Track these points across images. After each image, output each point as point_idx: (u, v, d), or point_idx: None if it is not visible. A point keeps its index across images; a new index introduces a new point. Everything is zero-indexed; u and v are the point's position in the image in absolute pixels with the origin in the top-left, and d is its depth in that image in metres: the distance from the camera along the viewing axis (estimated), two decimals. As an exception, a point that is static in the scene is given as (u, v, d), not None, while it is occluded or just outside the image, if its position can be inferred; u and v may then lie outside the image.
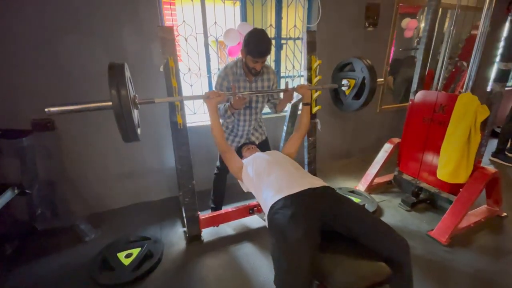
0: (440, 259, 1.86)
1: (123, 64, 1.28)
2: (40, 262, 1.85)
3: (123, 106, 1.21)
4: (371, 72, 1.79)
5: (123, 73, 1.24)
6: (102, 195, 2.40)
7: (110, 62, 1.28)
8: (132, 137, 1.30)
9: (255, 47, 1.62)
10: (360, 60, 1.84)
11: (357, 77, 1.89)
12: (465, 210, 2.01)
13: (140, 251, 1.86)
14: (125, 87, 1.21)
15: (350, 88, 1.99)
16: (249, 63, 1.71)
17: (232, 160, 1.64)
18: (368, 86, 1.81)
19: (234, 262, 1.84)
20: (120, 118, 1.21)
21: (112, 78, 1.20)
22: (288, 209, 1.21)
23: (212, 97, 1.54)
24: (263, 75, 1.89)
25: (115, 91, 1.19)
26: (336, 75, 2.07)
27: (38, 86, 1.99)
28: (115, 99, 1.19)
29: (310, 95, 1.83)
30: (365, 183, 2.70)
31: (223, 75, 1.81)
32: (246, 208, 2.11)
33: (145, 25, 2.12)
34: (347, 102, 2.05)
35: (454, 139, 2.04)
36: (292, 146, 1.79)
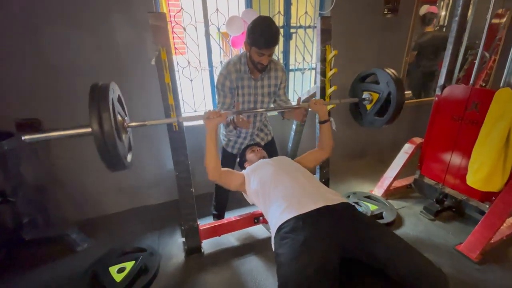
0: (470, 279, 1.63)
1: (107, 85, 1.09)
2: (26, 276, 1.70)
3: (105, 135, 1.02)
4: (398, 86, 1.54)
5: (106, 96, 1.05)
6: (97, 199, 2.23)
7: (92, 84, 1.09)
8: (117, 166, 1.12)
9: (261, 36, 1.38)
10: (385, 72, 1.59)
11: (381, 91, 1.65)
12: (500, 223, 1.76)
13: (134, 265, 1.68)
14: (109, 113, 1.02)
15: (372, 103, 1.74)
16: (254, 56, 1.47)
17: (230, 181, 1.44)
18: (394, 102, 1.56)
19: (237, 279, 1.65)
20: (102, 149, 1.03)
21: (93, 103, 1.02)
22: (300, 234, 1.00)
23: (212, 117, 1.32)
24: (270, 72, 1.65)
25: (95, 119, 1.01)
26: (356, 86, 1.82)
27: (21, 83, 1.81)
28: (96, 128, 1.01)
29: (326, 111, 1.58)
30: (382, 188, 2.46)
31: (225, 73, 1.57)
32: (250, 217, 1.91)
33: (139, 14, 1.90)
34: (368, 118, 1.82)
35: (489, 141, 1.77)
36: (312, 161, 1.58)
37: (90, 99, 1.03)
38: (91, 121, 1.01)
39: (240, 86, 1.61)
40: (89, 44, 1.87)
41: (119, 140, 1.11)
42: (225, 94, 1.61)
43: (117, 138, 1.08)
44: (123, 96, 1.37)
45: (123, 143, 1.19)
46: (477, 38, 3.70)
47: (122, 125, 1.22)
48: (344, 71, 2.09)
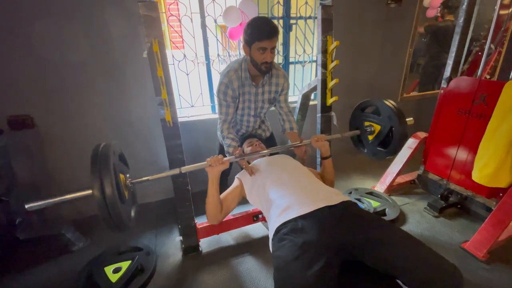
0: (477, 279, 1.58)
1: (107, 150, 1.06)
2: (20, 276, 1.66)
3: (107, 200, 0.98)
4: (400, 119, 1.48)
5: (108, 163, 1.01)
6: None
7: (93, 149, 1.05)
8: (121, 228, 1.08)
9: (260, 29, 1.31)
10: (387, 106, 1.52)
11: (383, 125, 1.58)
12: (508, 221, 1.69)
13: (130, 265, 1.64)
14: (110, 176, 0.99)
15: (374, 134, 1.67)
16: (256, 56, 1.37)
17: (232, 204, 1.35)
18: (397, 136, 1.52)
19: (235, 279, 1.60)
20: (105, 214, 1.00)
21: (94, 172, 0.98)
22: (299, 236, 0.94)
23: (215, 165, 1.24)
24: (271, 78, 1.57)
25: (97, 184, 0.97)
26: (358, 114, 1.74)
27: (12, 77, 1.74)
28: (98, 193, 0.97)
29: (328, 148, 1.49)
30: (385, 184, 2.40)
31: (226, 82, 1.48)
32: (249, 215, 1.86)
33: (131, 4, 1.82)
34: (370, 149, 1.75)
35: (497, 136, 1.70)
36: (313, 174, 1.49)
37: (91, 165, 1.00)
38: (93, 187, 0.98)
39: (241, 93, 1.54)
40: (80, 38, 1.80)
41: (122, 203, 1.07)
42: (228, 104, 1.53)
43: (119, 202, 1.03)
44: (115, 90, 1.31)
45: (125, 205, 1.14)
46: (482, 29, 3.61)
47: (124, 184, 1.18)
48: (346, 64, 2.01)
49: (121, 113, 2.06)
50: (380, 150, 1.70)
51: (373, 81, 2.92)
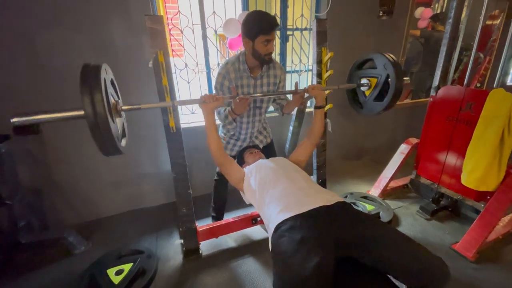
0: (467, 279, 1.65)
1: (99, 65, 1.08)
2: (23, 280, 1.69)
3: (97, 115, 1.00)
4: (396, 68, 1.55)
5: (98, 76, 1.03)
6: (94, 202, 2.22)
7: (84, 64, 1.07)
8: (111, 151, 1.10)
9: (263, 22, 1.40)
10: (382, 56, 1.60)
11: (379, 75, 1.65)
12: (495, 222, 1.78)
13: (132, 267, 1.68)
14: (100, 92, 1.01)
15: (371, 88, 1.75)
16: (260, 47, 1.46)
17: (232, 171, 1.44)
18: (393, 85, 1.57)
19: (235, 281, 1.65)
20: (94, 130, 1.01)
21: (84, 82, 1.00)
22: (297, 232, 1.01)
23: (209, 101, 1.33)
24: (269, 71, 1.66)
25: (87, 98, 0.99)
26: (354, 73, 1.82)
27: (18, 86, 1.80)
28: (88, 108, 0.99)
29: (323, 96, 1.59)
30: (379, 188, 2.48)
31: (223, 73, 1.58)
32: (248, 218, 1.92)
33: (135, 16, 1.91)
34: (367, 105, 1.81)
35: (483, 142, 1.80)
36: (302, 154, 1.58)
37: (81, 79, 1.01)
38: (83, 101, 0.98)
39: (239, 85, 1.61)
40: (86, 47, 1.87)
41: (112, 122, 1.09)
42: (224, 93, 1.61)
43: (110, 119, 1.06)
44: None
45: (116, 126, 1.16)
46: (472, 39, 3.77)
47: (115, 107, 1.19)
48: (340, 73, 2.10)
49: (124, 119, 2.13)
50: (377, 104, 1.72)
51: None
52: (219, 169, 1.49)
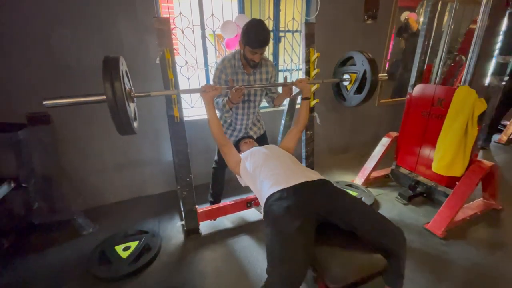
0: (436, 252, 1.88)
1: (118, 57, 1.27)
2: (38, 257, 1.85)
3: (117, 99, 1.19)
4: (372, 65, 1.77)
5: (117, 66, 1.22)
6: (100, 189, 2.39)
7: (105, 56, 1.26)
8: (127, 130, 1.29)
9: (254, 37, 1.59)
10: (360, 54, 1.82)
11: (358, 71, 1.87)
12: (461, 203, 2.02)
13: (138, 244, 1.86)
14: (119, 80, 1.19)
15: (351, 83, 1.96)
16: (248, 54, 1.67)
17: (230, 154, 1.64)
18: (369, 79, 1.79)
19: (231, 255, 1.85)
20: (115, 112, 1.20)
21: (106, 71, 1.19)
22: (284, 201, 1.21)
23: (208, 90, 1.53)
24: (261, 68, 1.86)
25: (109, 85, 1.17)
26: (338, 70, 2.04)
27: (33, 80, 1.96)
28: (109, 93, 1.17)
29: (309, 89, 1.81)
30: (362, 177, 2.71)
31: (221, 68, 1.78)
32: (244, 202, 2.12)
33: (142, 17, 2.09)
34: (349, 97, 2.03)
35: (451, 133, 2.04)
36: (291, 140, 1.79)
37: (103, 69, 1.18)
38: (105, 87, 1.16)
39: (234, 79, 1.81)
40: (95, 46, 2.04)
41: (128, 105, 1.27)
42: (221, 85, 1.80)
43: (127, 103, 1.24)
44: None
45: (130, 109, 1.34)
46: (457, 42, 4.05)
47: (129, 94, 1.37)
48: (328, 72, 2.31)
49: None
50: (356, 96, 1.94)
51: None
52: (220, 149, 1.68)
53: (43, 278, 1.67)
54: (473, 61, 1.96)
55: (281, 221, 1.13)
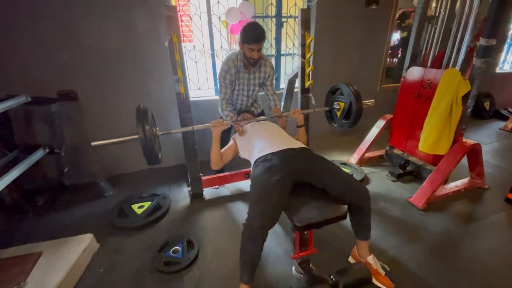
0: (413, 221, 2.06)
1: (146, 107, 1.52)
2: (67, 211, 2.21)
3: (147, 140, 1.43)
4: (356, 97, 1.92)
5: (146, 114, 1.47)
6: (120, 159, 2.73)
7: (137, 106, 1.50)
8: (154, 162, 1.54)
9: (251, 34, 1.78)
10: (347, 86, 1.96)
11: (345, 101, 2.04)
12: (442, 178, 2.18)
13: (151, 204, 2.18)
14: (149, 124, 1.44)
15: (340, 110, 2.12)
16: (247, 52, 1.85)
17: (228, 155, 1.82)
18: (354, 110, 1.96)
19: (229, 215, 2.13)
20: (145, 149, 1.45)
21: (139, 119, 1.44)
22: (267, 163, 1.45)
23: (217, 126, 1.72)
24: (260, 67, 2.04)
25: (141, 129, 1.42)
26: (329, 97, 2.19)
27: (61, 60, 2.27)
28: (141, 135, 1.42)
29: (303, 119, 1.94)
30: (357, 157, 2.89)
31: (226, 69, 1.96)
32: (242, 173, 2.38)
33: (154, 4, 2.32)
34: (338, 123, 2.19)
35: (436, 113, 2.17)
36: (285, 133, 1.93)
37: (136, 117, 1.45)
38: (138, 131, 1.42)
39: (237, 78, 2.02)
40: (114, 31, 2.31)
41: (155, 143, 1.54)
42: (226, 85, 2.02)
43: (154, 142, 1.51)
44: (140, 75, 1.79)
45: (157, 145, 1.62)
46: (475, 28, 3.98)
47: (155, 133, 1.64)
48: (330, 57, 2.48)
49: (142, 90, 2.58)
50: (345, 122, 2.14)
51: (354, 73, 3.38)
52: None
53: (71, 227, 2.01)
54: (465, 44, 2.05)
55: (262, 177, 1.37)
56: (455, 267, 1.66)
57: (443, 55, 2.32)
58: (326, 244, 1.80)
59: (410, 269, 1.63)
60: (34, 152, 2.04)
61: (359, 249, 1.57)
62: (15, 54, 2.16)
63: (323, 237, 1.83)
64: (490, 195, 2.37)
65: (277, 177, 1.35)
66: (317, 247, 1.47)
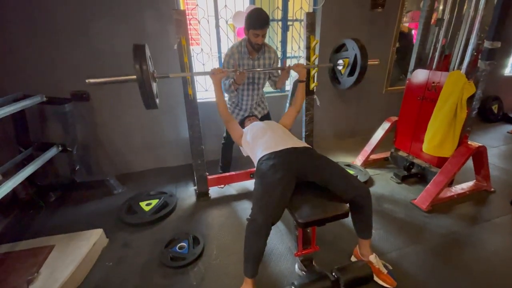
0: (417, 222, 2.07)
1: (144, 44, 1.57)
2: (78, 207, 2.29)
3: (144, 78, 1.49)
4: (361, 49, 1.95)
5: (144, 52, 1.52)
6: (128, 159, 2.81)
7: (134, 44, 1.55)
8: (152, 104, 1.60)
9: (256, 20, 1.86)
10: (351, 40, 2.01)
11: (350, 56, 2.07)
12: (446, 180, 2.18)
13: (158, 202, 2.24)
14: (146, 63, 1.50)
15: (345, 67, 2.15)
16: (252, 38, 1.93)
17: (234, 128, 1.92)
18: (359, 62, 1.97)
19: (234, 213, 2.17)
20: (142, 88, 1.51)
21: (136, 56, 1.49)
22: (272, 161, 1.49)
23: (217, 73, 1.80)
24: (264, 53, 2.11)
25: (138, 66, 1.47)
26: (333, 57, 2.24)
27: (74, 62, 2.36)
28: (139, 73, 1.48)
29: (305, 73, 2.02)
30: (362, 158, 2.90)
31: (230, 54, 2.06)
32: (247, 173, 2.42)
33: (163, 9, 2.41)
34: (343, 80, 2.22)
35: (441, 115, 2.17)
36: (288, 118, 2.03)
37: (134, 54, 1.48)
38: (135, 68, 1.46)
39: (241, 64, 2.09)
40: (125, 34, 2.39)
41: (152, 84, 1.58)
42: (229, 69, 2.08)
43: (152, 82, 1.55)
44: None
45: (154, 87, 1.65)
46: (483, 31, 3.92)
47: (153, 75, 1.66)
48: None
49: (152, 93, 2.66)
50: (349, 79, 2.12)
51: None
52: (225, 125, 1.96)
53: (83, 222, 2.09)
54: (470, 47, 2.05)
55: (266, 174, 1.41)
56: (458, 268, 1.66)
57: (449, 58, 2.34)
58: (329, 243, 1.82)
59: (412, 269, 1.64)
60: (48, 150, 2.13)
61: (361, 248, 1.60)
62: (31, 54, 2.25)
63: (326, 236, 1.86)
64: (496, 198, 2.36)
65: (280, 174, 1.39)
66: (320, 246, 1.51)
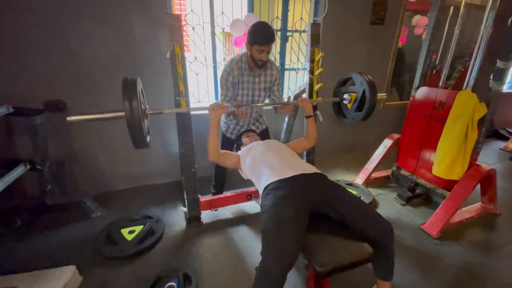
0: (429, 251, 1.92)
1: (135, 79, 1.34)
2: (49, 235, 1.97)
3: (134, 116, 1.26)
4: (370, 85, 1.82)
5: (135, 87, 1.29)
6: (109, 176, 2.51)
7: (124, 78, 1.32)
8: (141, 144, 1.36)
9: (262, 35, 1.67)
10: (359, 75, 1.87)
11: (357, 91, 1.93)
12: (457, 206, 2.06)
13: (143, 228, 1.96)
14: (137, 100, 1.27)
15: (351, 102, 2.02)
16: (255, 54, 1.74)
17: (227, 161, 1.70)
18: (368, 98, 1.84)
19: (230, 242, 1.93)
20: (132, 128, 1.27)
21: (125, 92, 1.26)
22: (281, 190, 1.29)
23: (216, 109, 1.59)
24: (266, 70, 1.93)
25: (128, 104, 1.24)
26: (338, 90, 2.09)
27: (49, 68, 2.08)
28: (128, 111, 1.25)
29: (311, 108, 1.85)
30: (363, 177, 2.76)
31: (228, 70, 1.85)
32: (244, 194, 2.20)
33: (154, 13, 2.19)
34: (349, 115, 2.07)
35: (451, 136, 2.07)
36: (298, 148, 1.83)
37: (123, 90, 1.26)
38: (125, 107, 1.24)
39: (240, 81, 1.89)
40: (109, 39, 2.15)
41: (143, 122, 1.36)
42: (227, 87, 1.89)
43: (142, 121, 1.33)
44: None
45: (145, 126, 1.44)
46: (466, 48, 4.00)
47: (144, 112, 1.46)
48: (334, 73, 2.37)
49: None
50: (357, 114, 2.00)
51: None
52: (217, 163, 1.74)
53: (53, 254, 1.78)
54: (476, 66, 1.99)
55: (276, 207, 1.20)
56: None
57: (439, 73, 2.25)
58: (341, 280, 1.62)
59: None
60: (14, 168, 1.82)
61: (380, 290, 1.41)
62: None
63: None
64: (504, 222, 2.26)
65: (293, 208, 1.18)
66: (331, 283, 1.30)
